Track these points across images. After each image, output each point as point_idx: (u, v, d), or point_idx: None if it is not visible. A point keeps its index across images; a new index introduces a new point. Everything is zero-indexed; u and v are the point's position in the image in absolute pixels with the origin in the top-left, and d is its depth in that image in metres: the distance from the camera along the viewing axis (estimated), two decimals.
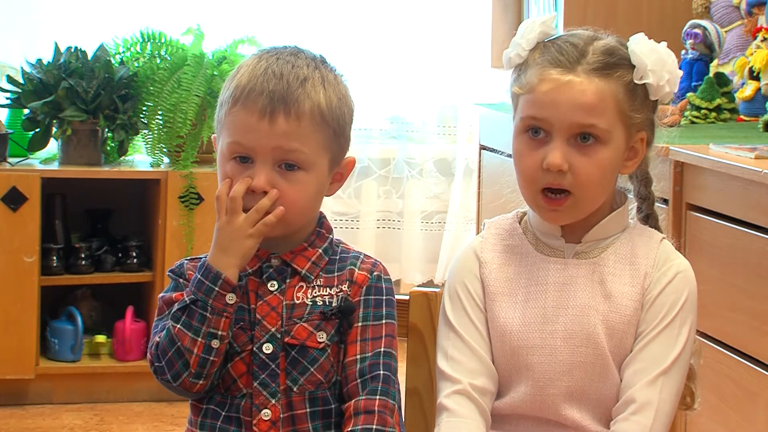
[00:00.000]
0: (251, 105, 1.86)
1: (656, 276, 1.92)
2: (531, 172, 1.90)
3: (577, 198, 1.89)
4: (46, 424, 3.94)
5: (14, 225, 3.98)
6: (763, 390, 2.75)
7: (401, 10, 4.81)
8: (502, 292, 1.94)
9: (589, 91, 1.88)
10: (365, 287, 1.91)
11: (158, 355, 1.86)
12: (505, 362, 1.94)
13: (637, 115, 1.92)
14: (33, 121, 4.11)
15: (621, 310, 1.91)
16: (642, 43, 1.93)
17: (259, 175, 1.86)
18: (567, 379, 1.90)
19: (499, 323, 1.93)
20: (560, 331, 1.91)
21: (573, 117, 1.88)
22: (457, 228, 4.84)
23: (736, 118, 3.69)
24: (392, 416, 1.86)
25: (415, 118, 4.88)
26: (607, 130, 1.89)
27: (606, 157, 1.89)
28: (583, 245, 1.94)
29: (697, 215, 3.02)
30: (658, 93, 1.93)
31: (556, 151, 1.88)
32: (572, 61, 1.90)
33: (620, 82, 1.90)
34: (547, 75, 1.90)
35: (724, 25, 3.96)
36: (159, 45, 4.25)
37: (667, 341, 1.90)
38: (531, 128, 1.91)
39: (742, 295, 2.82)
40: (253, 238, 1.85)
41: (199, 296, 1.84)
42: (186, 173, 4.10)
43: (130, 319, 4.15)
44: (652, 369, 1.89)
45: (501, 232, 1.99)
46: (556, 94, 1.89)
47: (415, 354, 2.07)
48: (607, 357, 1.90)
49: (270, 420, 1.86)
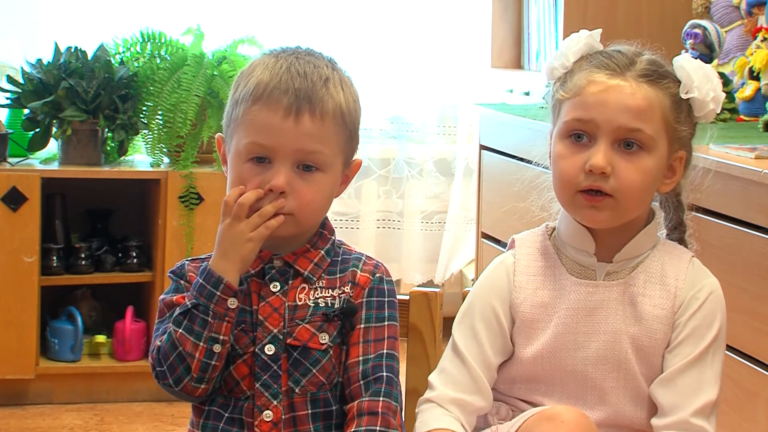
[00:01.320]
0: (275, 103, 1.84)
1: (688, 297, 1.91)
2: (571, 175, 1.89)
3: (618, 202, 1.87)
4: (46, 424, 3.94)
5: (14, 225, 3.98)
6: (763, 390, 2.75)
7: (401, 10, 4.81)
8: (537, 319, 1.93)
9: (638, 95, 1.88)
10: (367, 289, 1.91)
11: (160, 360, 1.86)
12: (537, 382, 1.93)
13: (683, 128, 1.91)
14: (33, 121, 4.11)
15: (651, 334, 1.90)
16: (688, 61, 1.94)
17: (279, 175, 1.84)
18: (600, 405, 1.90)
19: (531, 350, 1.92)
20: (591, 358, 1.90)
21: (620, 119, 1.87)
22: (457, 228, 4.84)
23: (736, 118, 3.69)
24: (395, 418, 1.86)
25: (415, 118, 4.88)
26: (652, 137, 1.88)
27: (649, 165, 1.88)
28: (615, 265, 1.93)
29: (697, 215, 3.02)
30: (702, 109, 1.92)
31: (600, 153, 1.86)
32: (621, 66, 1.90)
33: (668, 93, 1.90)
34: (596, 77, 1.90)
35: (724, 25, 3.96)
36: (159, 45, 4.25)
37: (703, 369, 1.89)
38: (574, 132, 1.90)
39: (742, 295, 2.82)
40: (252, 242, 1.84)
41: (200, 301, 1.84)
42: (186, 173, 4.10)
43: (130, 319, 4.15)
44: (695, 400, 1.87)
45: (533, 252, 1.97)
46: (605, 95, 1.88)
47: (415, 354, 2.07)
48: (640, 380, 1.90)
49: (272, 421, 1.86)
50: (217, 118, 4.13)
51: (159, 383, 1.87)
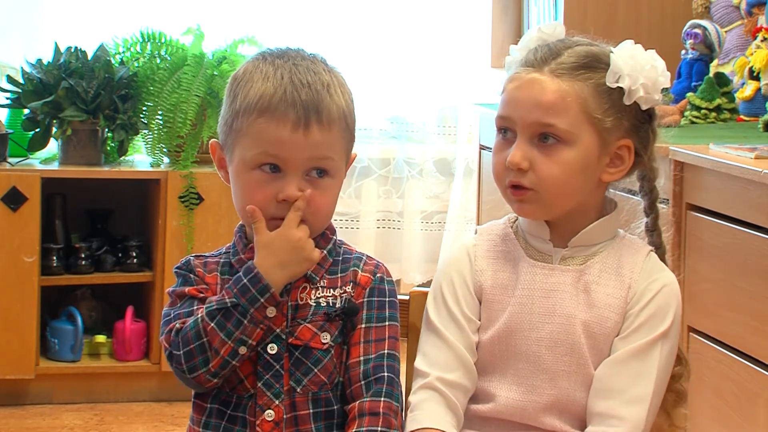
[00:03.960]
0: (282, 117, 1.83)
1: (641, 288, 1.93)
2: (499, 170, 1.94)
3: (540, 194, 1.90)
4: (46, 424, 3.94)
5: (14, 225, 3.98)
6: (763, 390, 2.75)
7: (401, 10, 4.81)
8: (497, 300, 1.95)
9: (548, 90, 1.89)
10: (368, 289, 1.91)
11: (178, 343, 1.84)
12: (492, 367, 1.95)
13: (609, 119, 1.90)
14: (33, 121, 4.11)
15: (602, 321, 1.92)
16: (624, 49, 1.93)
17: (291, 185, 1.84)
18: (550, 388, 1.91)
19: (489, 333, 1.94)
20: (545, 339, 1.92)
21: (532, 115, 1.89)
22: (457, 228, 4.84)
23: (736, 118, 3.69)
24: (396, 418, 1.87)
25: (415, 118, 4.87)
26: (569, 130, 1.89)
27: (569, 157, 1.89)
28: (570, 250, 1.95)
29: (697, 215, 3.02)
30: (632, 97, 1.91)
31: (516, 150, 1.90)
32: (540, 61, 1.91)
33: (589, 84, 1.89)
34: (515, 74, 1.93)
35: (724, 25, 3.96)
36: (159, 45, 4.25)
37: (649, 359, 1.90)
38: (501, 129, 1.94)
39: (742, 295, 2.82)
40: (312, 262, 1.86)
41: (241, 302, 1.83)
42: (186, 173, 4.10)
43: (130, 319, 4.15)
44: (633, 389, 1.88)
45: (494, 238, 2.00)
46: (519, 92, 1.91)
47: (415, 354, 2.07)
48: (590, 366, 1.91)
49: (273, 421, 1.86)
50: (217, 118, 4.11)
51: (170, 364, 1.86)
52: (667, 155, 3.05)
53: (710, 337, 2.96)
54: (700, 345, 3.00)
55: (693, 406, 2.99)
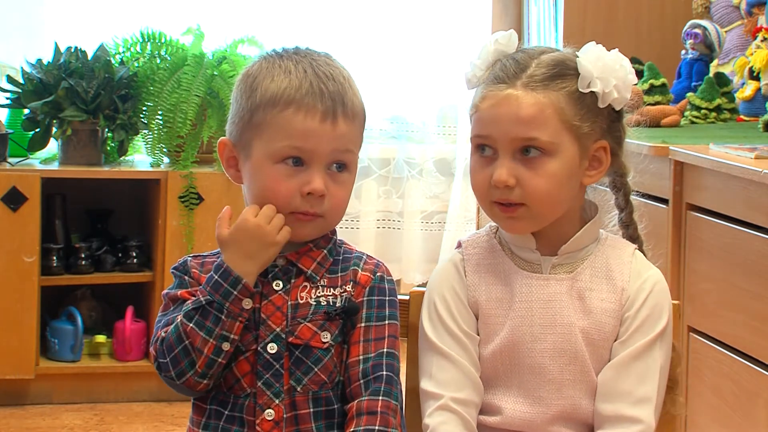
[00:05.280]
0: (310, 108, 1.84)
1: (634, 290, 1.93)
2: (483, 188, 1.92)
3: (531, 208, 1.90)
4: (46, 424, 3.94)
5: (14, 225, 3.98)
6: (763, 390, 2.75)
7: (401, 10, 4.81)
8: (495, 314, 1.95)
9: (525, 104, 1.88)
10: (368, 288, 1.91)
11: (163, 351, 1.85)
12: (495, 380, 1.94)
13: (586, 124, 1.91)
14: (33, 121, 4.11)
15: (600, 327, 1.92)
16: (589, 52, 1.93)
17: (317, 178, 1.85)
18: (557, 398, 1.91)
19: (491, 346, 1.94)
20: (549, 350, 1.92)
21: (513, 131, 1.88)
22: (457, 228, 4.84)
23: (736, 118, 3.69)
24: (395, 417, 1.86)
25: (415, 118, 4.88)
26: (551, 141, 1.89)
27: (554, 168, 1.89)
28: (559, 257, 1.95)
29: (697, 215, 3.02)
30: (606, 100, 1.91)
31: (501, 168, 1.89)
32: (511, 76, 1.91)
33: (563, 93, 1.89)
34: (487, 92, 1.92)
35: (724, 25, 3.97)
36: (159, 45, 4.25)
37: (650, 359, 1.91)
38: (480, 146, 1.93)
39: (742, 295, 2.82)
40: (278, 245, 1.86)
41: (215, 298, 1.84)
42: (186, 173, 4.10)
43: (130, 319, 4.15)
44: (639, 390, 1.89)
45: (480, 251, 1.99)
46: (496, 110, 1.90)
47: (415, 354, 2.07)
48: (592, 373, 1.92)
49: (273, 420, 1.86)
50: (217, 118, 4.14)
51: (160, 375, 1.87)
52: (667, 155, 3.06)
53: (710, 337, 2.96)
54: (699, 345, 3.00)
55: (693, 406, 3.00)
